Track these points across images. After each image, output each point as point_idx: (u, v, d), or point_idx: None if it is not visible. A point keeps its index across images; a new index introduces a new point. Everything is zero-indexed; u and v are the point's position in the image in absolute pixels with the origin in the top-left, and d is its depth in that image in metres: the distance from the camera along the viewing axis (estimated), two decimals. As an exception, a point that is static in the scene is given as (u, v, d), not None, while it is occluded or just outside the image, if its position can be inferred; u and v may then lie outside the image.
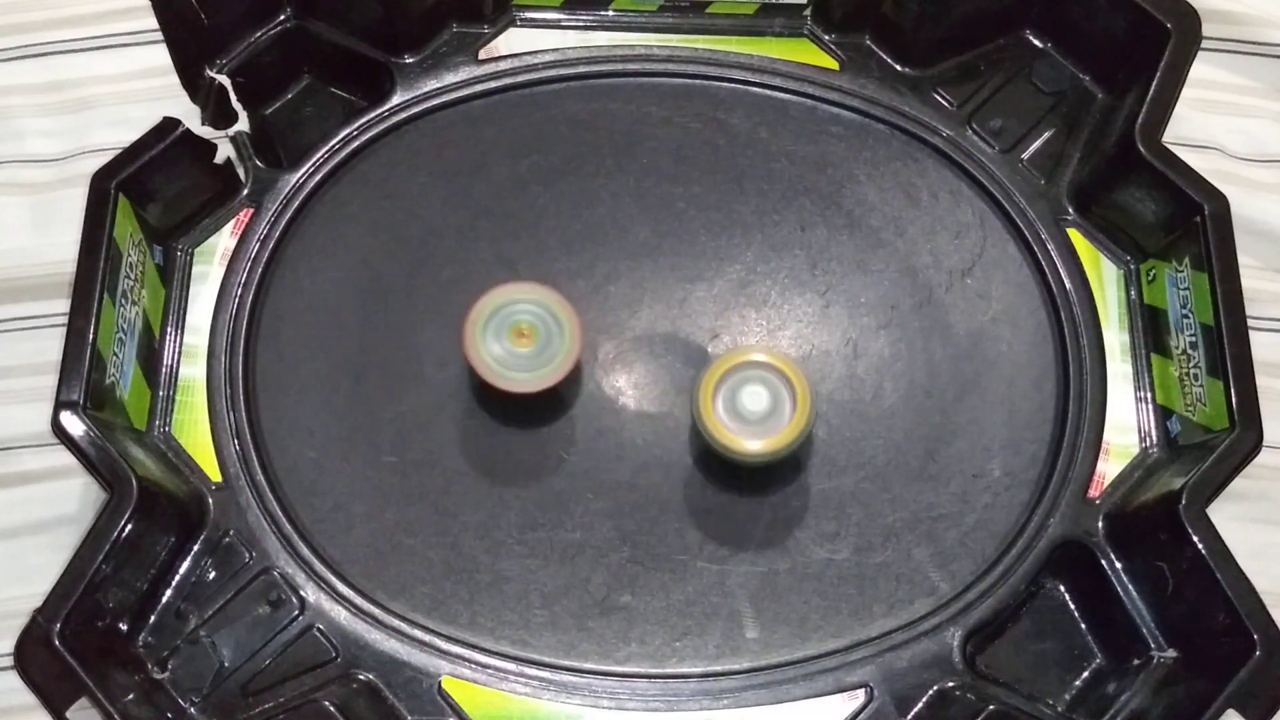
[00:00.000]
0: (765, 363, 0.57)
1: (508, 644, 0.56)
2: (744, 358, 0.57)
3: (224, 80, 0.65)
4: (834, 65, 0.67)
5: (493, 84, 0.66)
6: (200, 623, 0.56)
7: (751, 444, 0.56)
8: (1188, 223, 0.59)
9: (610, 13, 0.67)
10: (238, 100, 0.65)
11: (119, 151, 0.60)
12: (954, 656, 0.56)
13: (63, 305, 0.58)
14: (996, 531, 0.58)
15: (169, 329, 0.61)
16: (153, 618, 0.56)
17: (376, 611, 0.56)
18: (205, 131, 0.63)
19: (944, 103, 0.66)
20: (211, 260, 0.63)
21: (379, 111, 0.65)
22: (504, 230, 0.64)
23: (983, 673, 0.56)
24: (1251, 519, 0.62)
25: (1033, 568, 0.57)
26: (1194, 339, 0.58)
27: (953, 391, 0.61)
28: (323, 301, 0.62)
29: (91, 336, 0.55)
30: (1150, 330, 0.61)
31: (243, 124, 0.65)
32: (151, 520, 0.55)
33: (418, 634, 0.56)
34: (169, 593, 0.56)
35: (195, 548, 0.57)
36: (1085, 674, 0.57)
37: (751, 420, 0.56)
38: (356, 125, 0.65)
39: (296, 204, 0.64)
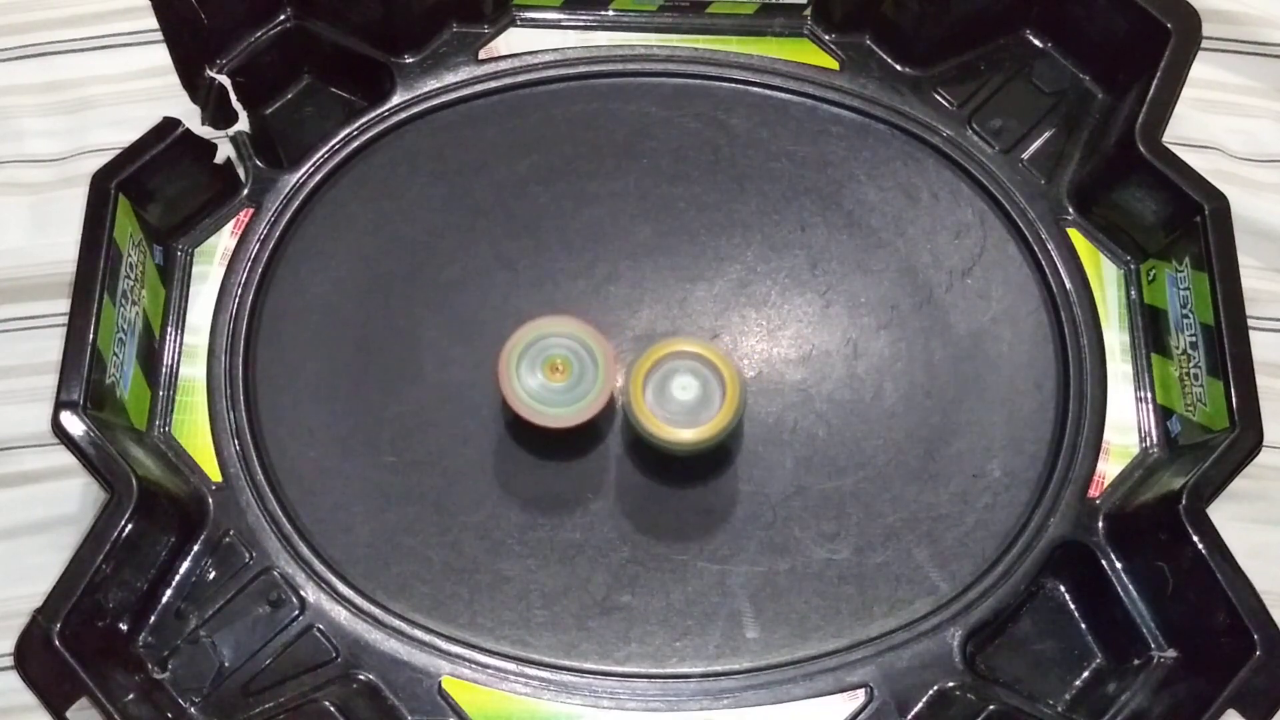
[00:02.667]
0: (693, 352, 0.57)
1: (508, 644, 0.56)
2: (672, 348, 0.57)
3: (224, 80, 0.65)
4: (834, 65, 0.67)
5: (493, 84, 0.66)
6: (200, 623, 0.56)
7: (683, 433, 0.56)
8: (1188, 223, 0.59)
9: (610, 13, 0.67)
10: (238, 100, 0.65)
11: (119, 151, 0.60)
12: (954, 656, 0.56)
13: (63, 305, 0.58)
14: (996, 531, 0.58)
15: (169, 329, 0.61)
16: (153, 618, 0.56)
17: (376, 611, 0.56)
18: (205, 131, 0.63)
19: (944, 103, 0.66)
20: (211, 260, 0.63)
21: (379, 111, 0.65)
22: (504, 230, 0.64)
23: (983, 673, 0.56)
24: (1251, 519, 0.62)
25: (1033, 568, 0.57)
26: (1194, 339, 0.58)
27: (953, 391, 0.61)
28: (323, 301, 0.62)
29: (91, 336, 0.55)
30: (1150, 330, 0.61)
31: (243, 124, 0.65)
32: (151, 520, 0.55)
33: (418, 634, 0.56)
34: (169, 593, 0.56)
35: (195, 548, 0.57)
36: (1085, 674, 0.57)
37: (681, 410, 0.56)
38: (356, 125, 0.65)
39: (296, 204, 0.64)
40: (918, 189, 0.65)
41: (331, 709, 0.53)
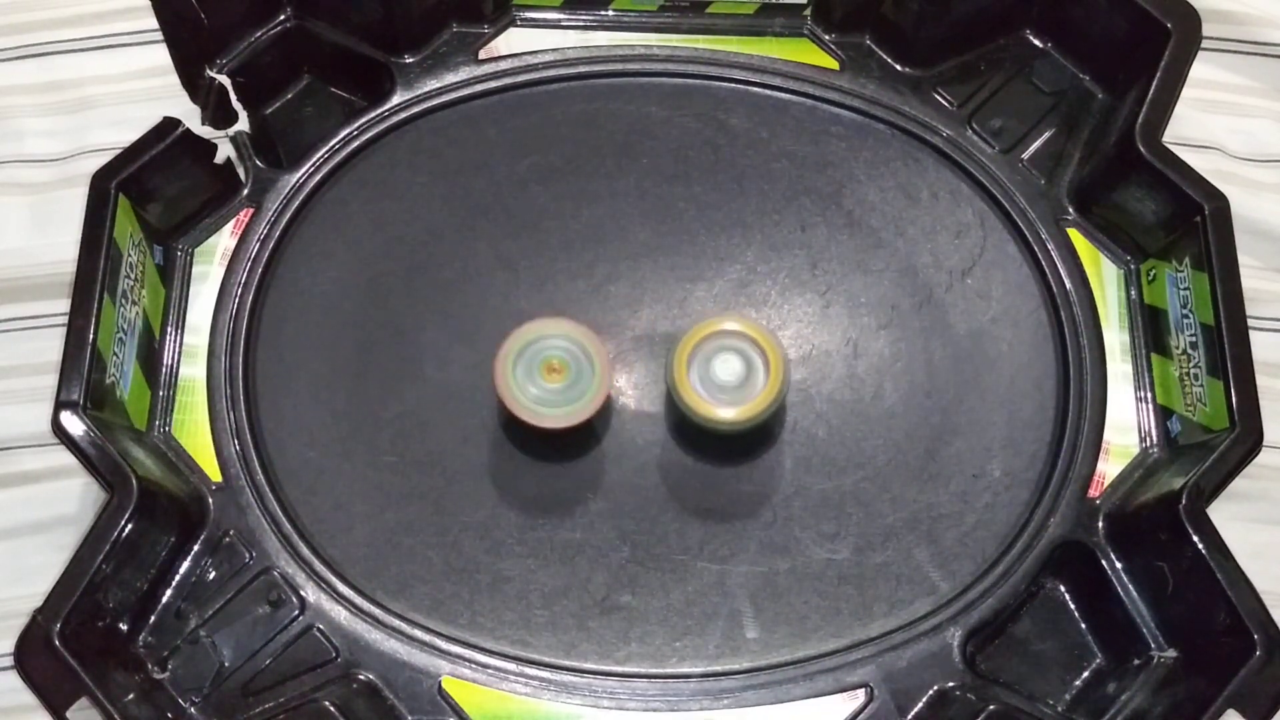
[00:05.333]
0: (738, 331, 0.57)
1: (508, 644, 0.56)
2: (716, 326, 0.57)
3: (224, 80, 0.65)
4: (834, 65, 0.67)
5: (493, 84, 0.66)
6: (200, 623, 0.56)
7: (726, 411, 0.56)
8: (1188, 223, 0.59)
9: (610, 13, 0.67)
10: (238, 100, 0.65)
11: (119, 151, 0.60)
12: (954, 656, 0.56)
13: (63, 305, 0.58)
14: (996, 531, 0.58)
15: (169, 329, 0.61)
16: (153, 618, 0.56)
17: (376, 611, 0.56)
18: (205, 131, 0.63)
19: (944, 103, 0.66)
20: (211, 260, 0.63)
21: (379, 111, 0.65)
22: (504, 230, 0.64)
23: (983, 673, 0.56)
24: (1251, 519, 0.62)
25: (1033, 568, 0.57)
26: (1194, 339, 0.58)
27: (953, 391, 0.61)
28: (323, 301, 0.62)
29: (91, 336, 0.55)
30: (1150, 330, 0.61)
31: (243, 124, 0.65)
32: (151, 520, 0.55)
33: (418, 634, 0.56)
34: (169, 593, 0.56)
35: (195, 548, 0.57)
36: (1085, 674, 0.57)
37: (725, 388, 0.57)
38: (356, 125, 0.65)
39: (296, 204, 0.64)
40: (918, 189, 0.65)
41: (331, 709, 0.53)
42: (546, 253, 0.63)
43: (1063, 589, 0.58)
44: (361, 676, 0.55)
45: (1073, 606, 0.58)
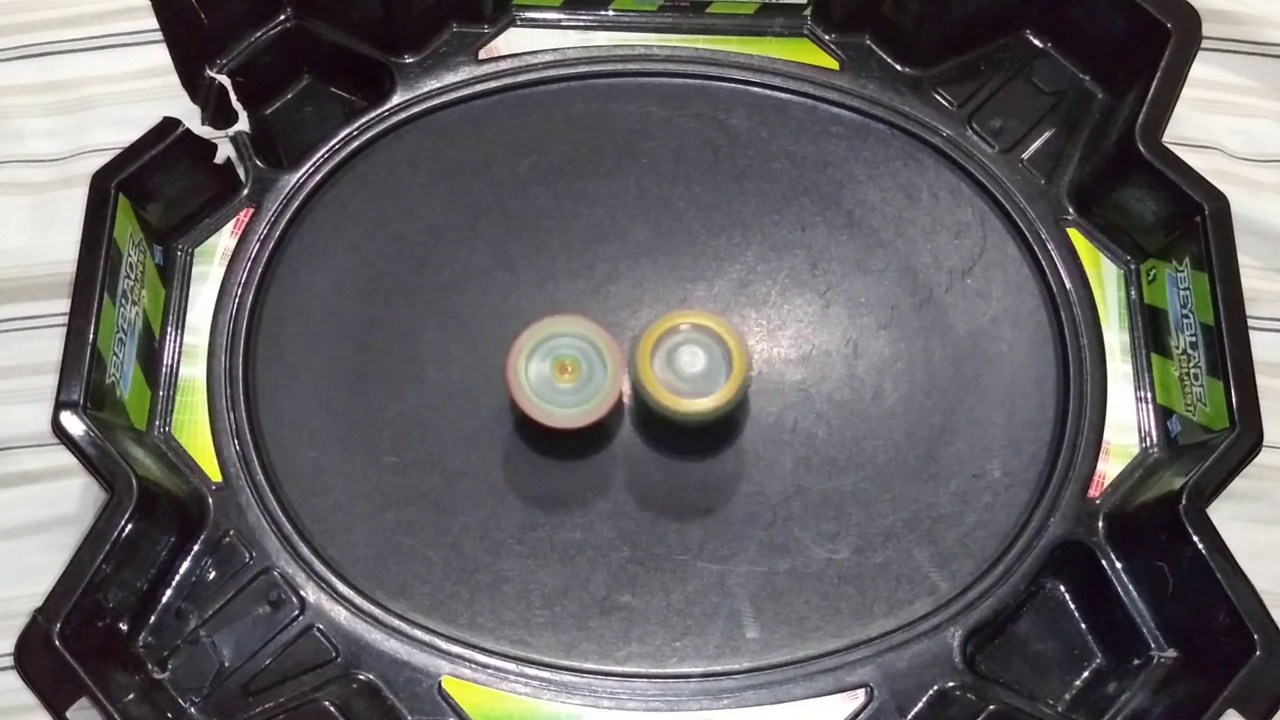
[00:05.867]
0: (699, 324, 0.57)
1: (508, 644, 0.56)
2: (677, 321, 0.57)
3: (224, 80, 0.65)
4: (834, 65, 0.67)
5: (493, 84, 0.66)
6: (200, 623, 0.56)
7: (692, 403, 0.56)
8: (1188, 223, 0.59)
9: (610, 13, 0.67)
10: (238, 100, 0.65)
11: (119, 151, 0.60)
12: (954, 656, 0.56)
13: (63, 305, 0.58)
14: (996, 531, 0.59)
15: (169, 329, 0.61)
16: (153, 618, 0.56)
17: (376, 611, 0.56)
18: (205, 131, 0.63)
19: (944, 103, 0.66)
20: (211, 260, 0.63)
21: (379, 111, 0.66)
22: (504, 230, 0.64)
23: (983, 673, 0.56)
24: (1251, 519, 0.62)
25: (1033, 568, 0.57)
26: (1194, 339, 0.58)
27: (953, 391, 0.61)
28: (323, 301, 0.62)
29: (91, 336, 0.56)
30: (1150, 330, 0.61)
31: (243, 124, 0.65)
32: (151, 520, 0.55)
33: (418, 634, 0.56)
34: (169, 593, 0.56)
35: (195, 548, 0.57)
36: (1085, 674, 0.57)
37: (689, 380, 0.57)
38: (356, 125, 0.65)
39: (296, 204, 0.64)
40: (918, 189, 0.65)
41: (331, 709, 0.53)
42: (546, 253, 0.63)
43: (1063, 589, 0.58)
44: (361, 676, 0.55)
45: (1073, 606, 0.58)
